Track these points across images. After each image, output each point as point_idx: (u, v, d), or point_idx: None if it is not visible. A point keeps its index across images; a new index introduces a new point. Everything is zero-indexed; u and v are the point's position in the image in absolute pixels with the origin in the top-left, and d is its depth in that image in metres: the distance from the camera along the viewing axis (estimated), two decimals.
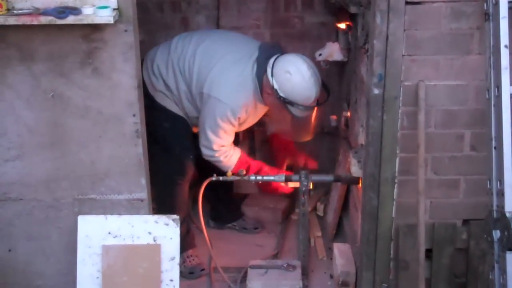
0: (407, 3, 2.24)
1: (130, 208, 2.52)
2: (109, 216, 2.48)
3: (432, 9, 2.26)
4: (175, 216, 2.49)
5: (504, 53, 2.15)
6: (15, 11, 2.23)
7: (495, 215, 2.17)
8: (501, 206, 2.14)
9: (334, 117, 3.74)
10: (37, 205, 2.52)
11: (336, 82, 3.80)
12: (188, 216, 3.18)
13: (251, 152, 4.03)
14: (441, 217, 2.49)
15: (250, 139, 4.02)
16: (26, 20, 2.20)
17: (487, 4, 2.21)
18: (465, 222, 2.50)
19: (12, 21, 2.20)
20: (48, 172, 2.48)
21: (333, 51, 3.31)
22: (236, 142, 3.25)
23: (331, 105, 3.92)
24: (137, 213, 2.52)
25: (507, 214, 2.11)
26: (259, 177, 2.98)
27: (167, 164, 2.96)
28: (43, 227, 2.55)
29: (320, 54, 3.34)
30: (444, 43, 2.30)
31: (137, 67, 2.39)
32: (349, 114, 3.22)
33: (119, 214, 2.50)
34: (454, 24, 2.27)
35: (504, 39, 2.15)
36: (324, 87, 2.93)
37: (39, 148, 2.45)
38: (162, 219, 2.48)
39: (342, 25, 3.20)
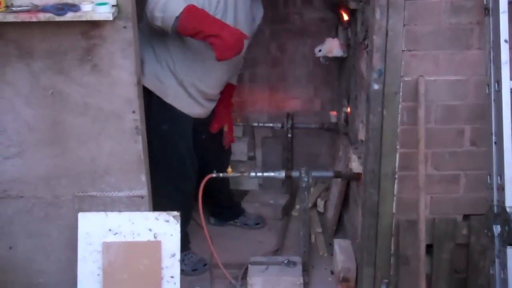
0: None
1: (131, 205, 2.52)
2: (109, 213, 2.48)
3: (431, 4, 2.26)
4: (176, 213, 2.49)
5: (504, 47, 2.15)
6: (13, 8, 2.23)
7: (495, 210, 2.17)
8: (501, 201, 2.14)
9: (334, 113, 3.74)
10: (37, 202, 2.52)
11: (336, 78, 3.80)
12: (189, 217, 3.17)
13: (251, 148, 4.05)
14: (442, 213, 2.49)
15: (250, 136, 4.03)
16: (25, 17, 2.20)
17: None
18: (466, 217, 2.49)
19: (11, 18, 2.19)
20: (48, 169, 2.48)
21: (332, 47, 3.31)
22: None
23: (331, 101, 3.95)
24: (138, 210, 2.52)
25: (508, 209, 2.11)
26: (259, 174, 2.98)
27: (168, 167, 2.93)
28: (43, 224, 2.54)
29: (320, 50, 3.33)
30: (444, 38, 2.29)
31: (136, 63, 2.38)
32: (348, 110, 3.21)
33: (119, 211, 2.50)
34: (453, 19, 2.27)
35: (504, 34, 2.15)
36: None
37: (39, 145, 2.45)
38: (163, 215, 2.48)
39: (346, 17, 3.17)
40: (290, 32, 3.92)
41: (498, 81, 2.15)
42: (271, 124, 3.83)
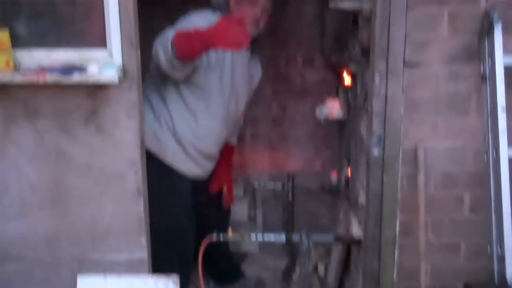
0: (405, 65, 2.28)
1: (130, 268, 2.48)
2: (108, 277, 2.44)
3: (430, 71, 2.29)
4: (175, 277, 2.44)
5: (502, 115, 2.17)
6: (21, 69, 2.27)
7: (496, 280, 2.14)
8: (502, 271, 2.11)
9: (334, 173, 3.74)
10: (37, 264, 2.47)
11: (336, 138, 3.83)
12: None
13: (252, 208, 4.03)
14: (442, 281, 2.45)
15: (251, 196, 4.02)
16: (32, 78, 2.23)
17: (483, 67, 2.24)
18: (467, 286, 2.45)
19: (18, 78, 2.23)
20: (48, 231, 2.45)
21: (333, 109, 3.33)
22: None
23: (331, 161, 3.96)
24: (137, 273, 2.47)
25: (508, 279, 2.08)
26: (259, 237, 2.95)
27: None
28: (43, 286, 2.49)
29: (321, 112, 3.36)
30: (442, 104, 2.32)
31: (140, 123, 2.40)
32: (349, 172, 3.22)
33: (119, 274, 2.46)
34: (452, 85, 2.30)
35: (501, 102, 2.17)
36: None
37: (41, 205, 2.43)
38: (162, 280, 2.44)
39: (346, 79, 3.21)
40: (292, 91, 3.97)
41: (496, 149, 2.17)
42: (272, 186, 3.83)
